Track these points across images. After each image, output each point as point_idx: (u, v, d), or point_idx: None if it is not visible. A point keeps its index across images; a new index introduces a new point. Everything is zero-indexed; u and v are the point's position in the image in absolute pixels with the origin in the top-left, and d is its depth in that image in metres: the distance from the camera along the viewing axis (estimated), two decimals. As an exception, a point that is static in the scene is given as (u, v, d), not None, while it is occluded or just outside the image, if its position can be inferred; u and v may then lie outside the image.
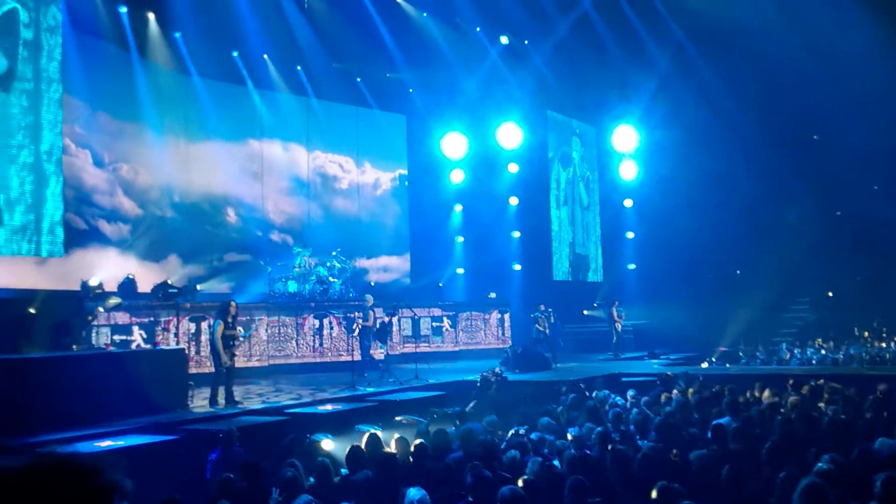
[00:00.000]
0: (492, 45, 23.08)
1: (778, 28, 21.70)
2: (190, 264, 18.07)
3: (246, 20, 18.34)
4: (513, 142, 24.28)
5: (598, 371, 16.55)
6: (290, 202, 21.30)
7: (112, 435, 9.44)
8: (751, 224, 24.87)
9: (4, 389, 9.30)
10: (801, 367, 16.96)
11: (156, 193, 17.65)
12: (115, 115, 16.67)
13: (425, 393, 13.79)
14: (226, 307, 12.82)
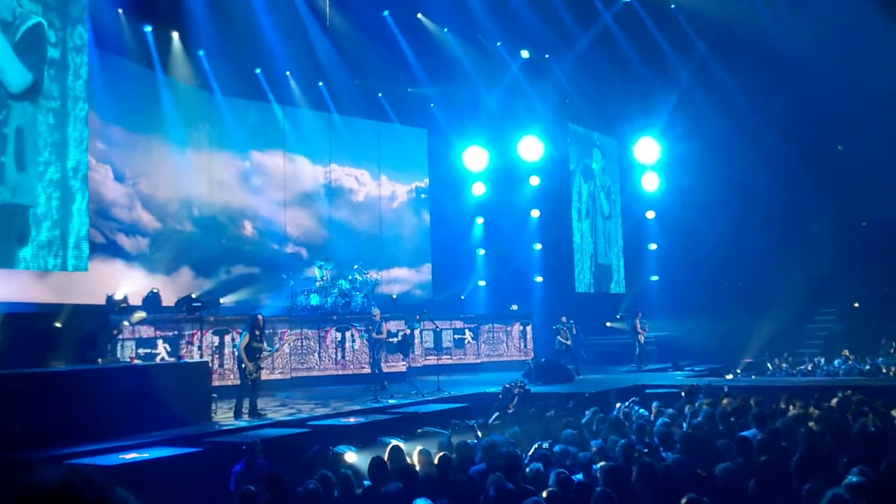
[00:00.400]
0: (512, 59, 23.10)
1: (800, 39, 21.57)
2: (203, 277, 18.15)
3: (269, 38, 18.49)
4: (534, 154, 24.26)
5: (623, 383, 16.44)
6: (307, 215, 21.35)
7: (137, 447, 9.46)
8: (774, 235, 24.63)
9: (31, 402, 9.36)
10: (828, 379, 16.73)
11: (174, 207, 17.74)
12: (136, 130, 16.82)
13: (447, 405, 13.74)
14: (253, 320, 12.94)
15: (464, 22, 21.04)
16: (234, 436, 10.58)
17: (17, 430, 8.82)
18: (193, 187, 18.37)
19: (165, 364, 13.86)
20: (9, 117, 11.98)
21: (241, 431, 10.89)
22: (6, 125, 11.93)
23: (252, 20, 18.04)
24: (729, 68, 23.39)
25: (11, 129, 12.00)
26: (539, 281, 24.51)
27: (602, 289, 27.31)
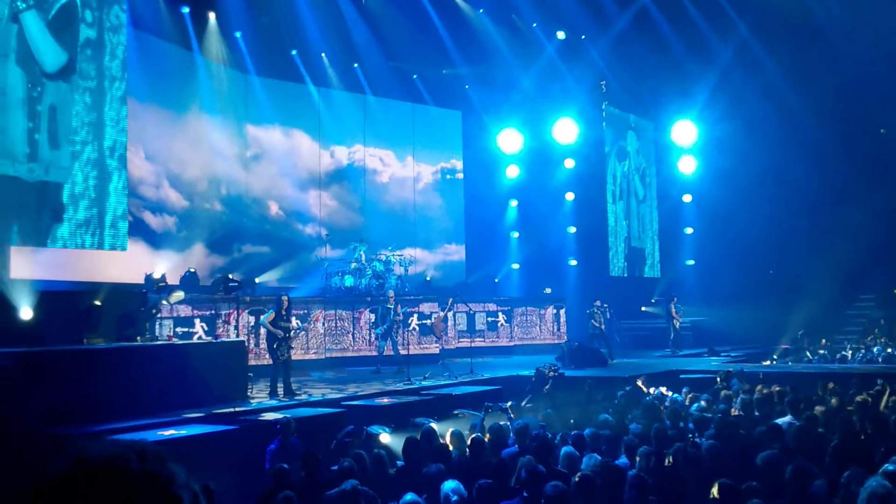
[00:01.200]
0: (548, 40, 22.93)
1: (842, 19, 21.18)
2: (223, 255, 18.22)
3: (304, 19, 18.52)
4: (569, 137, 24.10)
5: (657, 368, 16.34)
6: (333, 196, 21.38)
7: (174, 424, 9.59)
8: (812, 220, 24.32)
9: (71, 379, 9.50)
10: (866, 366, 16.47)
11: (203, 186, 17.81)
12: (171, 109, 16.87)
13: (480, 387, 13.74)
14: (279, 301, 13.06)
15: (499, 2, 20.93)
16: (269, 414, 10.67)
17: (58, 406, 8.97)
18: (222, 167, 18.44)
19: (203, 343, 14.01)
20: (43, 96, 12.08)
21: (275, 410, 10.97)
22: (40, 103, 12.03)
23: (288, 2, 18.10)
24: (770, 49, 23.05)
25: (45, 107, 12.10)
26: (573, 264, 24.40)
27: (636, 272, 27.14)
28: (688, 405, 10.60)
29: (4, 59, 11.51)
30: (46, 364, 9.53)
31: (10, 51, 11.54)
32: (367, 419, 10.49)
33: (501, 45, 21.80)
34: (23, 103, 11.78)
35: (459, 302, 19.01)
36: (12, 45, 11.56)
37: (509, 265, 23.65)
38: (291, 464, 7.85)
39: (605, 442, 8.03)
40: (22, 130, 11.81)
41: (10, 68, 11.57)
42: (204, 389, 10.95)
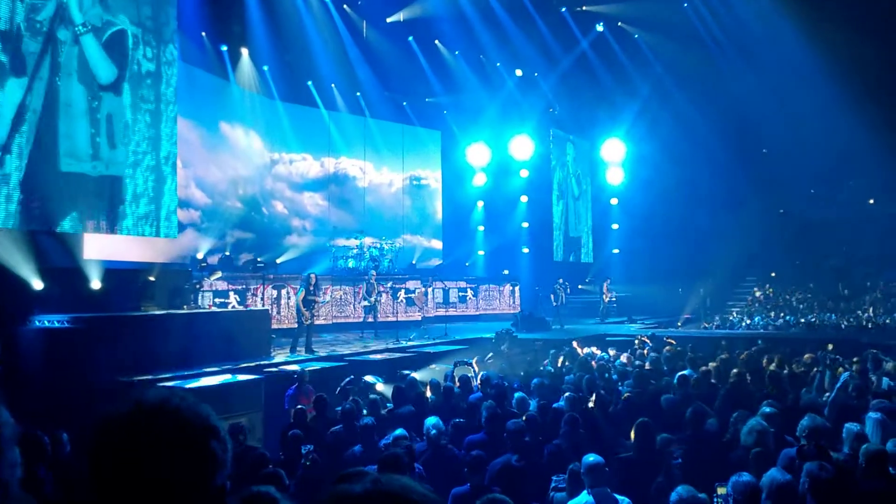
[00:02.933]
0: (509, 76, 22.91)
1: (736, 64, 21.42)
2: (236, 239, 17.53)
3: (319, 57, 18.36)
4: (524, 152, 24.12)
5: (589, 332, 16.49)
6: (323, 197, 20.67)
7: (213, 374, 9.57)
8: (712, 218, 24.57)
9: (131, 339, 9.46)
10: (749, 332, 16.73)
11: (223, 186, 17.23)
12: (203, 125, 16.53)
13: (453, 347, 13.81)
14: (308, 278, 13.04)
15: (471, 46, 20.90)
16: (287, 367, 10.68)
17: (121, 360, 8.94)
18: (241, 172, 17.90)
19: (235, 311, 13.96)
20: (101, 106, 12.12)
21: (292, 363, 10.98)
22: (99, 112, 12.06)
23: (307, 43, 17.95)
24: (679, 84, 23.21)
25: (103, 115, 12.12)
26: (525, 251, 24.49)
27: (574, 258, 27.28)
28: (612, 361, 10.72)
29: (69, 77, 11.53)
30: (112, 327, 9.48)
31: (73, 70, 11.61)
32: (364, 371, 10.53)
33: (472, 79, 21.76)
34: (85, 113, 11.83)
35: (437, 280, 19.07)
36: (74, 66, 11.61)
37: (476, 252, 23.69)
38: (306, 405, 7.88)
39: (547, 389, 8.12)
40: (85, 135, 11.83)
41: (74, 85, 11.65)
42: (236, 347, 10.93)
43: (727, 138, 24.51)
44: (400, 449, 4.71)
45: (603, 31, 22.41)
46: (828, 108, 20.72)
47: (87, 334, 8.96)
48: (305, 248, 19.07)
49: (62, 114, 11.36)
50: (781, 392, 7.44)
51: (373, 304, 16.03)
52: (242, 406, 8.76)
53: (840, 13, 18.55)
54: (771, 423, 5.60)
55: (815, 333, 16.27)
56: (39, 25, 11.03)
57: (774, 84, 21.83)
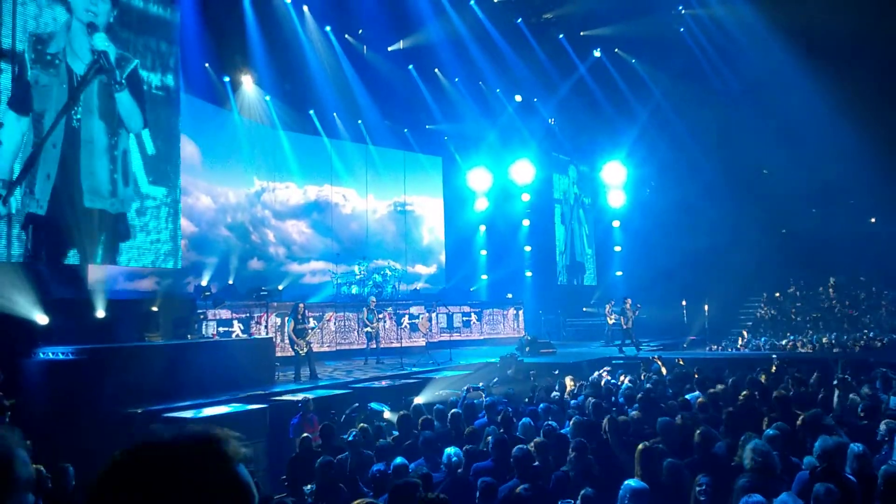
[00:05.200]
0: (508, 102, 23.09)
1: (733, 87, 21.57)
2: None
3: (320, 86, 18.51)
4: (526, 177, 24.22)
5: (594, 355, 16.37)
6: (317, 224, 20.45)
7: (216, 404, 9.51)
8: (713, 239, 24.52)
9: (135, 369, 9.42)
10: (755, 353, 16.62)
11: (211, 214, 16.98)
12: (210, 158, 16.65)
13: (457, 372, 13.71)
14: (295, 307, 13.02)
15: (470, 73, 21.08)
16: (292, 395, 10.60)
17: (125, 390, 8.89)
18: (232, 199, 17.70)
19: (239, 339, 13.93)
20: (118, 143, 12.12)
21: (297, 392, 10.91)
22: (116, 149, 12.08)
23: (308, 73, 18.10)
24: (677, 110, 23.35)
25: (120, 153, 12.11)
26: (529, 275, 24.46)
27: (578, 281, 27.25)
28: (619, 385, 10.64)
29: (90, 115, 11.54)
30: (116, 358, 9.45)
31: (94, 108, 11.60)
32: (369, 398, 10.45)
33: (472, 105, 21.92)
34: (105, 151, 11.80)
35: (441, 305, 19.00)
36: (95, 103, 11.61)
37: (479, 276, 23.67)
38: (310, 434, 7.80)
39: (554, 414, 8.04)
40: (105, 172, 11.82)
41: (95, 122, 11.63)
42: (240, 376, 10.89)
43: (727, 160, 24.60)
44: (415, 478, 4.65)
45: (600, 56, 22.63)
46: (827, 128, 20.81)
47: (90, 366, 8.93)
48: (306, 274, 19.04)
49: (83, 150, 11.35)
50: (789, 414, 7.36)
51: (375, 331, 15.91)
52: (247, 436, 8.69)
53: (837, 34, 18.70)
54: (775, 444, 5.53)
55: (822, 353, 16.15)
56: (50, 58, 11.06)
57: (773, 105, 21.95)
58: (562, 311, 23.69)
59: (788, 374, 10.55)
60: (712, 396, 8.44)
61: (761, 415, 7.39)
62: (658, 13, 20.31)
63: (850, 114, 19.74)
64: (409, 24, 19.00)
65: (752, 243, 24.25)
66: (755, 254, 24.11)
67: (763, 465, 4.91)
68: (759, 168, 25.87)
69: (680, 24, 21.20)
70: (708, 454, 5.77)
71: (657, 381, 10.30)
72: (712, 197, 24.59)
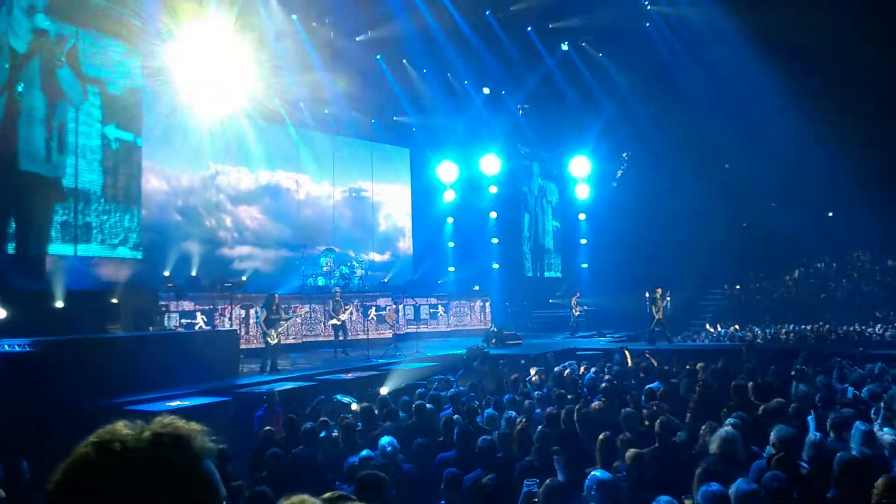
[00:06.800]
0: (476, 94, 23.09)
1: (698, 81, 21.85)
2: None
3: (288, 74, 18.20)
4: (493, 169, 24.32)
5: (560, 346, 16.53)
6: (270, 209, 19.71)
7: (179, 397, 9.39)
8: (676, 232, 24.93)
9: (95, 361, 9.23)
10: (715, 344, 16.96)
11: (162, 198, 16.38)
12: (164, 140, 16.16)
13: (424, 364, 13.73)
14: (270, 298, 12.91)
15: (439, 65, 21.02)
16: (256, 387, 10.52)
17: (85, 383, 8.70)
18: (184, 183, 17.17)
19: (203, 331, 13.75)
20: (56, 114, 12.57)
21: (262, 384, 10.82)
22: (54, 119, 12.54)
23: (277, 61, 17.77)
24: (643, 103, 23.61)
25: (57, 122, 12.64)
26: (496, 267, 24.60)
27: (544, 273, 27.47)
28: (583, 375, 10.77)
29: (31, 88, 12.13)
30: (74, 350, 9.25)
31: (36, 82, 12.16)
32: (335, 390, 10.42)
33: (440, 96, 21.87)
34: (42, 121, 12.36)
35: (408, 297, 19.00)
36: (37, 78, 12.12)
37: (447, 268, 23.71)
38: (275, 426, 7.76)
39: (518, 405, 8.11)
40: (42, 140, 12.41)
41: (36, 95, 12.22)
42: (204, 368, 10.75)
43: (691, 154, 24.99)
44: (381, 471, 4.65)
45: (568, 50, 22.76)
46: (788, 124, 21.28)
47: (48, 358, 8.72)
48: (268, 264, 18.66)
49: (22, 120, 12.06)
50: (748, 403, 7.54)
51: (341, 323, 15.78)
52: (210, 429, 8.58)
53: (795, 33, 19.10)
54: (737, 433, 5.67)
55: (779, 344, 16.57)
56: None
57: (735, 102, 22.35)
58: (528, 303, 23.88)
59: (748, 365, 10.80)
60: (673, 386, 8.61)
61: (720, 405, 7.56)
62: (625, 7, 20.48)
63: (809, 111, 20.23)
64: (377, 15, 18.82)
65: (715, 236, 24.75)
66: (717, 246, 24.61)
67: (728, 452, 5.03)
68: (722, 163, 26.33)
69: (646, 19, 21.42)
70: (668, 442, 5.88)
71: (620, 372, 10.46)
72: (676, 190, 24.97)
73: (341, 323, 15.60)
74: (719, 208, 25.33)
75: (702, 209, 25.27)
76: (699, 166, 25.28)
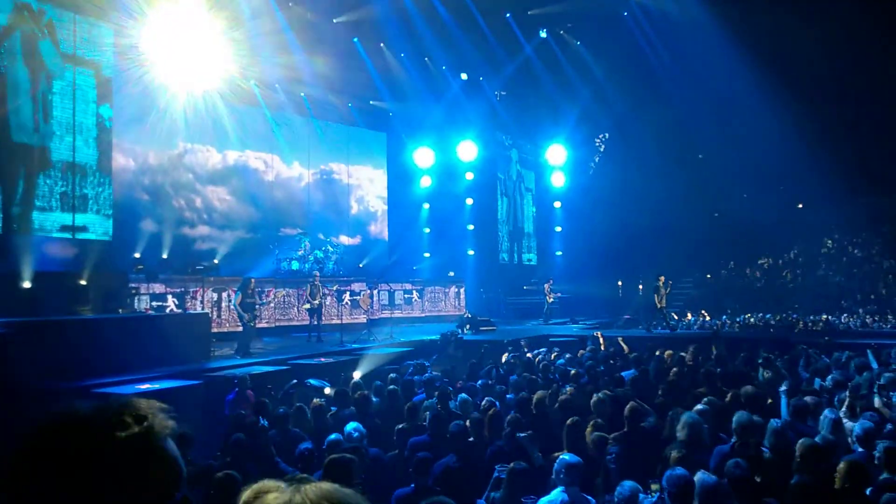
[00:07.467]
0: (454, 79, 22.99)
1: (673, 70, 22.00)
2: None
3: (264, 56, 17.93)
4: (469, 155, 24.29)
5: (533, 333, 16.64)
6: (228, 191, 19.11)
7: (150, 380, 9.28)
8: (650, 220, 25.19)
9: (61, 343, 9.09)
10: (686, 332, 17.19)
11: (128, 176, 15.93)
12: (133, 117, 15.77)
13: (398, 349, 13.73)
14: (246, 282, 12.84)
15: (416, 49, 20.87)
16: (228, 371, 10.44)
17: (52, 365, 8.57)
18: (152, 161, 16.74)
19: (174, 314, 13.60)
20: (39, 86, 12.94)
21: (234, 368, 10.74)
22: (38, 90, 12.87)
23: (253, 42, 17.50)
24: (619, 91, 23.71)
25: (40, 93, 12.97)
26: (471, 254, 24.64)
27: (519, 260, 27.60)
28: (554, 360, 10.86)
29: (14, 61, 12.53)
30: (40, 331, 9.09)
31: (18, 54, 12.54)
32: (308, 374, 10.39)
33: (418, 81, 21.74)
34: (27, 92, 12.78)
35: (382, 282, 18.97)
36: (18, 50, 12.51)
37: (423, 254, 23.69)
38: (246, 410, 7.71)
39: (491, 391, 8.17)
40: (29, 111, 12.80)
41: (19, 67, 12.62)
42: (175, 351, 10.63)
43: (666, 144, 25.19)
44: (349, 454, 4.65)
45: (546, 37, 22.73)
46: (761, 117, 21.55)
47: (14, 339, 8.56)
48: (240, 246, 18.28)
49: (9, 93, 12.42)
50: (716, 390, 7.68)
51: (317, 307, 15.71)
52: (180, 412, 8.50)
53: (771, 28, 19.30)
54: (704, 419, 5.78)
55: (747, 333, 16.88)
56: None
57: (710, 93, 22.55)
58: (502, 290, 24.00)
59: (717, 352, 10.99)
60: (643, 373, 8.73)
61: (688, 392, 7.69)
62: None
63: (781, 105, 20.49)
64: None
65: (687, 225, 25.05)
66: (689, 236, 24.92)
67: (694, 437, 5.14)
68: (696, 153, 26.61)
69: (625, 8, 21.46)
70: (637, 428, 5.97)
71: (592, 358, 10.58)
72: (650, 180, 25.20)
73: (316, 307, 15.54)
74: (692, 198, 25.64)
75: (675, 199, 25.55)
76: (674, 157, 25.52)
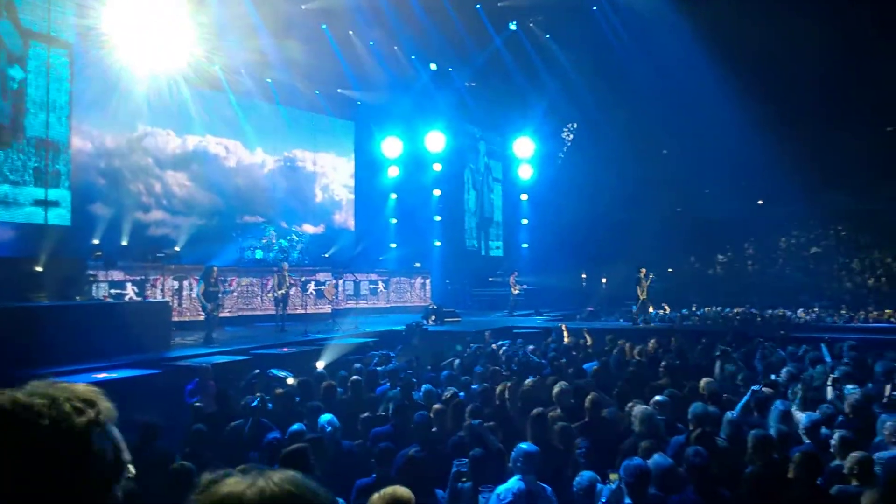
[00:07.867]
0: (423, 69, 22.88)
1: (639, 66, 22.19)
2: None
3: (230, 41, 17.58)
4: (437, 146, 24.23)
5: (497, 324, 16.73)
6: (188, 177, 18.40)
7: (107, 369, 9.12)
8: (614, 215, 25.49)
9: (14, 331, 8.85)
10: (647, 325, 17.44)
11: (83, 158, 15.31)
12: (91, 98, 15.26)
13: (363, 339, 13.69)
14: (209, 271, 12.68)
15: (385, 37, 20.69)
16: (189, 360, 10.29)
17: (4, 353, 8.33)
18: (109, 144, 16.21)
19: (133, 302, 13.34)
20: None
21: (194, 357, 10.59)
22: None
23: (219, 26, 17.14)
24: (586, 84, 23.82)
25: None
26: (437, 245, 24.64)
27: (485, 252, 27.70)
28: (517, 352, 10.95)
29: None
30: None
31: None
32: (270, 364, 10.30)
33: (386, 70, 21.57)
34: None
35: (348, 272, 18.87)
36: None
37: (388, 244, 23.60)
38: (207, 400, 7.63)
39: (455, 381, 8.20)
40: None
41: None
42: (134, 340, 10.45)
43: (631, 139, 25.45)
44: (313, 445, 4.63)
45: (516, 30, 22.74)
46: (723, 114, 21.88)
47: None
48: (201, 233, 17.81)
49: None
50: (677, 382, 7.83)
51: (283, 297, 15.50)
52: (139, 402, 8.36)
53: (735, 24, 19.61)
54: (663, 411, 5.90)
55: (706, 326, 17.22)
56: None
57: (675, 89, 22.82)
58: (468, 282, 24.07)
59: (676, 345, 11.19)
60: (604, 365, 8.86)
61: (649, 383, 7.83)
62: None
63: (744, 102, 20.85)
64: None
65: (651, 221, 25.39)
66: (653, 231, 25.27)
67: (650, 429, 5.24)
68: (660, 149, 26.96)
69: (594, 2, 21.57)
70: (597, 418, 6.07)
71: (555, 349, 10.69)
72: (616, 174, 25.48)
73: (283, 297, 15.32)
74: (656, 193, 25.98)
75: (639, 193, 25.88)
76: (638, 151, 25.81)
